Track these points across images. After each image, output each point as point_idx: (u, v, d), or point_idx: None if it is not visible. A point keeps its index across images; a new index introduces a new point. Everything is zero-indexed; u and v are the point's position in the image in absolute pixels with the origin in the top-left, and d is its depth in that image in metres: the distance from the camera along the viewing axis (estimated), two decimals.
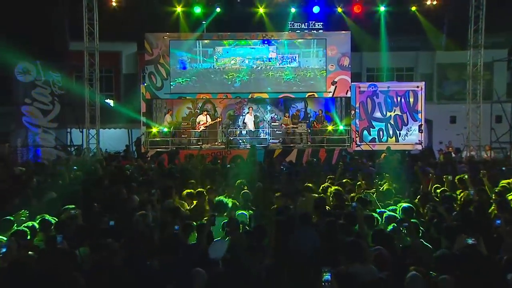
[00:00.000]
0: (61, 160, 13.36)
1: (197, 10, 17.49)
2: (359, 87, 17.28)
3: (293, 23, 17.91)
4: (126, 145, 18.32)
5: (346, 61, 16.98)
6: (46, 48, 17.57)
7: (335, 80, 16.96)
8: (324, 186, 7.61)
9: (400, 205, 6.12)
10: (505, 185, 7.45)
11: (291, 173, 9.81)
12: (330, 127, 16.76)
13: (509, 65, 22.05)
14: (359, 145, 16.52)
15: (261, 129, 17.92)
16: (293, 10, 17.74)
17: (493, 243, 4.86)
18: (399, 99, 17.06)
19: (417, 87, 17.25)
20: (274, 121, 18.07)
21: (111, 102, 21.23)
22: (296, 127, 16.93)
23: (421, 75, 21.57)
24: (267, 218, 5.59)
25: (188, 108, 19.38)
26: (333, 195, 6.93)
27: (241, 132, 17.33)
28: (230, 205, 6.18)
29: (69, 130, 17.74)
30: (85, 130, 16.75)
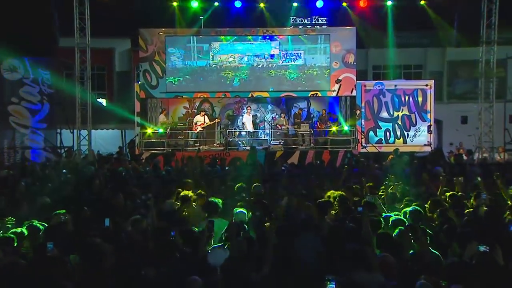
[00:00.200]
0: (50, 162, 13.36)
1: (194, 4, 17.52)
2: (365, 86, 17.25)
3: (295, 18, 17.92)
4: (119, 147, 18.23)
5: (351, 58, 16.85)
6: (34, 44, 17.58)
7: (340, 78, 16.84)
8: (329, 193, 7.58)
9: (404, 210, 6.12)
10: None
11: (293, 176, 9.81)
12: (334, 128, 16.72)
13: None
14: (364, 147, 16.48)
15: (262, 130, 17.91)
16: (295, 4, 17.74)
17: (508, 250, 4.84)
18: (407, 98, 17.01)
19: (426, 86, 17.21)
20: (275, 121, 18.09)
21: (103, 101, 21.27)
22: (297, 128, 16.93)
23: (430, 73, 21.61)
24: (267, 223, 5.59)
25: (184, 107, 19.40)
26: (337, 200, 6.92)
27: (240, 133, 17.30)
28: (221, 206, 6.31)
29: (59, 131, 17.74)
30: (76, 131, 16.78)
